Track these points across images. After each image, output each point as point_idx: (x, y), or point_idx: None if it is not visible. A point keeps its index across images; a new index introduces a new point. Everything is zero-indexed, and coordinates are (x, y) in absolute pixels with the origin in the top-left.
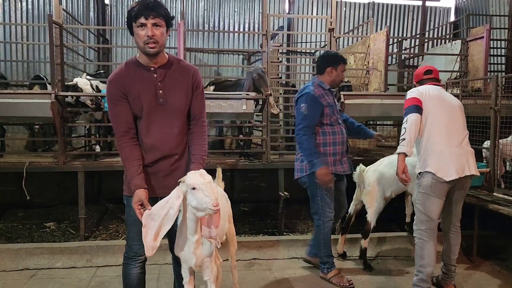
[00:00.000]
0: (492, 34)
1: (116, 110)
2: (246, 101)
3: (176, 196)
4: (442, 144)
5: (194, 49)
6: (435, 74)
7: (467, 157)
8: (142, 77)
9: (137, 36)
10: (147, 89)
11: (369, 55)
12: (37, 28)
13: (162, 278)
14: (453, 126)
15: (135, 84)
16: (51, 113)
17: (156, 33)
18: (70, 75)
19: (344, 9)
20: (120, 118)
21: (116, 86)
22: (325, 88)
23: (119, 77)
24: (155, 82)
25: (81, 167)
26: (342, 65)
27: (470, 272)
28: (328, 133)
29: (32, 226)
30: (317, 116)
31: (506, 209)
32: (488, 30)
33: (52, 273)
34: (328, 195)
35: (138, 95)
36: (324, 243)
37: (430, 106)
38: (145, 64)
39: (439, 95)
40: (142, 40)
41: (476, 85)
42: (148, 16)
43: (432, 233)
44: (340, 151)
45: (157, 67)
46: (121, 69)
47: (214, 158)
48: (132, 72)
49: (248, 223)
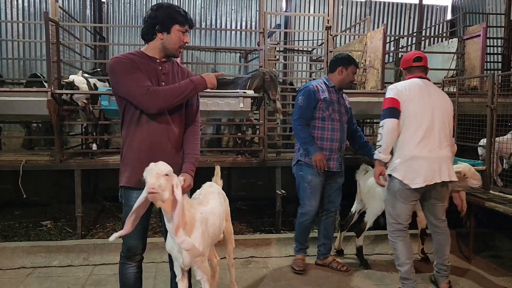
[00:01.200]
0: (489, 32)
1: (135, 75)
2: (244, 99)
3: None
4: (415, 149)
5: (191, 47)
6: (424, 62)
7: (440, 164)
8: (148, 66)
9: (176, 37)
10: (150, 77)
11: (366, 53)
12: (33, 25)
13: (159, 276)
14: (432, 129)
15: (142, 69)
16: (48, 111)
17: (188, 41)
18: (66, 73)
19: (341, 7)
20: (141, 80)
21: (128, 61)
22: (329, 85)
23: (128, 56)
24: (159, 73)
25: (78, 165)
26: (353, 67)
27: (466, 269)
28: (317, 127)
29: (28, 224)
30: (311, 108)
31: (502, 207)
32: (484, 28)
33: (49, 272)
34: (308, 188)
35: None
36: (299, 231)
37: (409, 108)
38: (152, 56)
39: (423, 93)
40: (178, 44)
41: (472, 83)
42: (191, 27)
43: (400, 234)
44: (328, 147)
45: (162, 61)
46: (127, 53)
47: (211, 156)
48: (139, 59)
49: (245, 221)
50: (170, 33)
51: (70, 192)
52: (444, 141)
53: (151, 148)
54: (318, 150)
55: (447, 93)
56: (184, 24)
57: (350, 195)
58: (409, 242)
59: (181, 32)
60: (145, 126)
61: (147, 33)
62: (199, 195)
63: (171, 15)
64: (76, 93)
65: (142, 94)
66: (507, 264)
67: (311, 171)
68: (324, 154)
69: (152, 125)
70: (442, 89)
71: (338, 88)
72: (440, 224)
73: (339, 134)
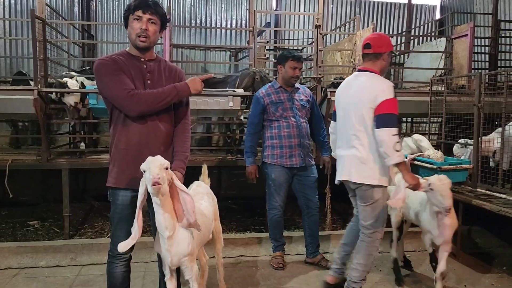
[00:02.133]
0: (476, 32)
1: (118, 77)
2: (233, 98)
3: (141, 184)
4: (335, 148)
5: (180, 45)
6: (375, 49)
7: (343, 162)
8: (133, 65)
9: (131, 28)
10: (136, 77)
11: (355, 52)
12: (19, 23)
13: (148, 276)
14: (343, 128)
15: (126, 69)
16: (34, 109)
17: (150, 29)
18: (54, 72)
19: (331, 6)
20: (124, 82)
21: (112, 63)
22: (275, 86)
23: (112, 58)
24: (145, 72)
25: (66, 164)
26: (290, 61)
27: (453, 266)
28: (274, 127)
29: (15, 224)
30: (257, 115)
31: (489, 205)
32: (472, 28)
33: (36, 272)
34: (272, 186)
35: (132, 79)
36: (271, 227)
37: (336, 108)
38: (136, 55)
39: (345, 90)
40: (135, 32)
41: (460, 82)
42: (146, 11)
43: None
44: (288, 145)
45: (147, 60)
46: (112, 55)
47: (201, 155)
48: (124, 59)
49: (235, 220)
50: (128, 25)
51: (58, 191)
52: (353, 141)
53: (138, 148)
54: (250, 163)
55: (435, 92)
56: (134, 11)
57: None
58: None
59: (135, 19)
60: (131, 126)
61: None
62: None
63: (127, 8)
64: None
65: (123, 96)
66: (494, 261)
67: (274, 169)
68: (283, 152)
69: (138, 125)
70: (430, 88)
71: (285, 86)
72: (364, 229)
73: (296, 130)
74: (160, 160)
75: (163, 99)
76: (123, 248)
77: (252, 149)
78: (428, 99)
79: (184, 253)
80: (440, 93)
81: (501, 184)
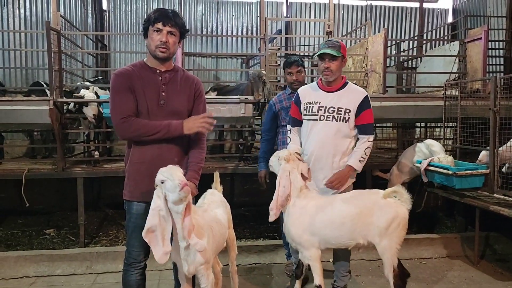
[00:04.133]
0: (490, 35)
1: (122, 98)
2: (245, 105)
3: (157, 197)
4: None
5: (192, 54)
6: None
7: None
8: (147, 78)
9: (151, 39)
10: (150, 89)
11: (367, 57)
12: (35, 34)
13: (162, 284)
14: None
15: (141, 82)
16: (50, 119)
17: (170, 40)
18: (68, 81)
19: (341, 11)
20: (124, 106)
21: (124, 78)
22: (287, 92)
23: (126, 72)
24: (159, 84)
25: (80, 173)
26: (293, 67)
27: (471, 274)
28: (285, 132)
29: (31, 233)
30: (268, 121)
31: (507, 210)
32: (486, 31)
33: (52, 281)
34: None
35: (143, 93)
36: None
37: None
38: (152, 67)
39: None
40: (155, 44)
41: (475, 86)
42: (166, 24)
43: None
44: None
45: (163, 71)
46: (127, 68)
47: (214, 162)
48: (138, 71)
49: (248, 227)
50: (148, 37)
51: (73, 200)
52: None
53: (151, 162)
54: (262, 168)
55: (449, 97)
56: (154, 23)
57: None
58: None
59: (155, 31)
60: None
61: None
62: (203, 204)
63: (147, 19)
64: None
65: (116, 120)
66: None
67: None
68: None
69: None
70: (444, 92)
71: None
72: None
73: None
74: (178, 167)
75: (153, 134)
76: (163, 260)
77: (265, 155)
78: (442, 103)
79: (201, 262)
80: (455, 97)
81: None
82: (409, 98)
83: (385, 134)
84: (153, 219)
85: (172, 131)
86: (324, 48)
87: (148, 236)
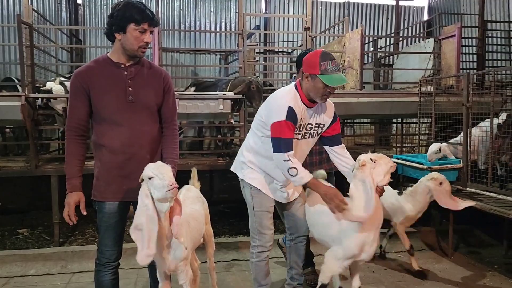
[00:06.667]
0: (464, 32)
1: (74, 104)
2: (223, 101)
3: (145, 195)
4: None
5: (170, 49)
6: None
7: None
8: (111, 74)
9: (134, 38)
10: (115, 86)
11: (344, 53)
12: (6, 28)
13: (139, 282)
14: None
15: (102, 80)
16: (22, 115)
17: (149, 40)
18: (42, 77)
19: (320, 8)
20: (74, 113)
21: (80, 80)
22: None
23: (85, 72)
24: (125, 79)
25: (55, 171)
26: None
27: (445, 266)
28: None
29: (4, 233)
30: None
31: (479, 204)
32: (459, 28)
33: (25, 281)
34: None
35: (102, 92)
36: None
37: None
38: (116, 61)
39: None
40: (138, 44)
41: (449, 83)
42: (151, 25)
43: None
44: None
45: (128, 65)
46: (89, 65)
47: (192, 159)
48: (101, 68)
49: (228, 224)
50: (126, 33)
51: (47, 198)
52: None
53: (124, 161)
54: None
55: (424, 93)
56: (140, 23)
57: None
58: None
59: (139, 31)
60: (113, 136)
61: (108, 33)
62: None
63: (126, 14)
64: (49, 97)
65: (66, 127)
66: (486, 260)
67: None
68: None
69: (120, 135)
70: (419, 88)
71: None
72: None
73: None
74: (168, 166)
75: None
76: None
77: None
78: (418, 99)
79: (180, 258)
80: (429, 93)
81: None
82: (385, 94)
83: (363, 129)
84: (141, 218)
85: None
86: (341, 76)
87: (135, 233)
